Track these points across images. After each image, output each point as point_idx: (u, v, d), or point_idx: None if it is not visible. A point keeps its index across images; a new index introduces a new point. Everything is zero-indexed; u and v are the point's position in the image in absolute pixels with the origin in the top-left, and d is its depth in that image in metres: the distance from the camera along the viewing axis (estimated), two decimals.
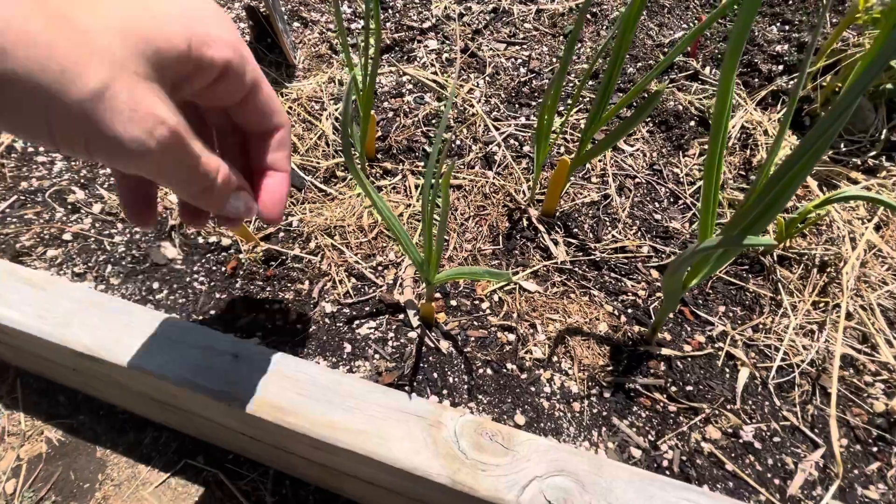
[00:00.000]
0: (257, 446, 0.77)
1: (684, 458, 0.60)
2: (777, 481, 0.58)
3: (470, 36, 1.20)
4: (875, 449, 0.60)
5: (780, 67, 1.07)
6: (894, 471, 0.59)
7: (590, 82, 1.10)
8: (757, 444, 0.61)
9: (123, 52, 0.27)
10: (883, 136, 0.91)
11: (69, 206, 0.82)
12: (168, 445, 0.94)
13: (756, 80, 1.06)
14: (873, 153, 0.92)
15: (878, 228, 0.82)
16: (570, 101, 1.05)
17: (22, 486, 0.89)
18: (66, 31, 0.25)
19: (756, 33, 1.13)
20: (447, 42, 1.18)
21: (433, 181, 0.54)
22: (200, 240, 0.80)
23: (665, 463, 0.59)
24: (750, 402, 0.64)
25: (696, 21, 1.26)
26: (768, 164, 0.46)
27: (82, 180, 0.86)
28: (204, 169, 0.34)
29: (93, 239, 0.78)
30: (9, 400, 0.99)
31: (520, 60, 1.15)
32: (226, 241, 0.79)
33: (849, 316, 0.71)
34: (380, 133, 0.97)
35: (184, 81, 0.32)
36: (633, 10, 0.61)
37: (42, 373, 0.95)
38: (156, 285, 0.74)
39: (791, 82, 1.04)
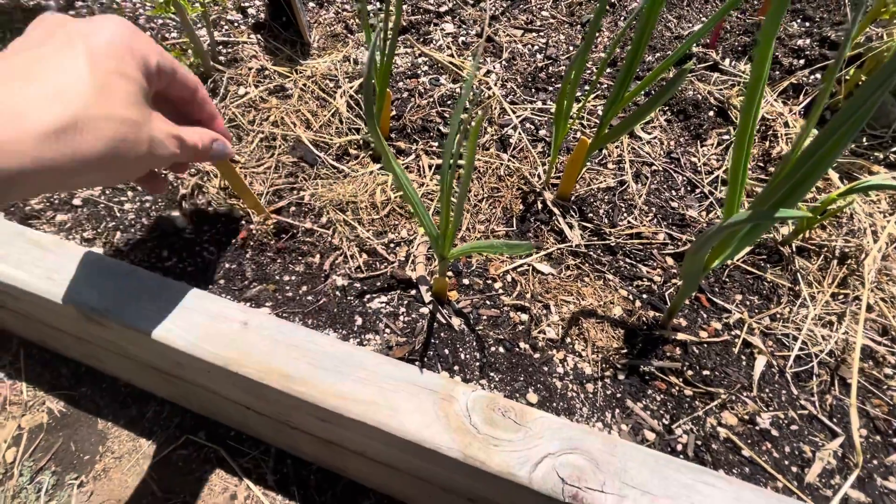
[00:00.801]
0: (261, 422, 0.76)
1: (699, 442, 0.58)
2: (794, 469, 0.57)
3: (487, 21, 1.19)
4: (895, 440, 0.59)
5: (802, 62, 1.06)
6: None
7: (607, 70, 1.08)
8: (774, 432, 0.59)
9: (143, 106, 0.46)
10: None
11: None
12: (170, 420, 0.93)
13: (777, 72, 1.04)
14: (895, 148, 0.90)
15: None
16: (587, 88, 1.03)
17: (22, 456, 0.88)
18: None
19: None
20: (464, 26, 1.17)
21: (453, 150, 0.53)
22: (211, 210, 0.79)
23: (679, 447, 0.58)
24: (767, 390, 0.63)
25: (713, 13, 1.24)
26: (802, 138, 0.45)
27: None
28: (191, 140, 0.52)
29: (102, 205, 0.78)
30: (12, 370, 0.98)
31: (536, 47, 1.14)
32: (236, 213, 0.78)
33: (869, 308, 0.70)
34: (394, 112, 0.96)
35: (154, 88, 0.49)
36: None
37: (46, 343, 0.95)
38: (165, 253, 0.73)
39: (812, 76, 1.02)
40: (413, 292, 0.70)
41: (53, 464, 0.88)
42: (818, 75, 1.03)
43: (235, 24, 1.12)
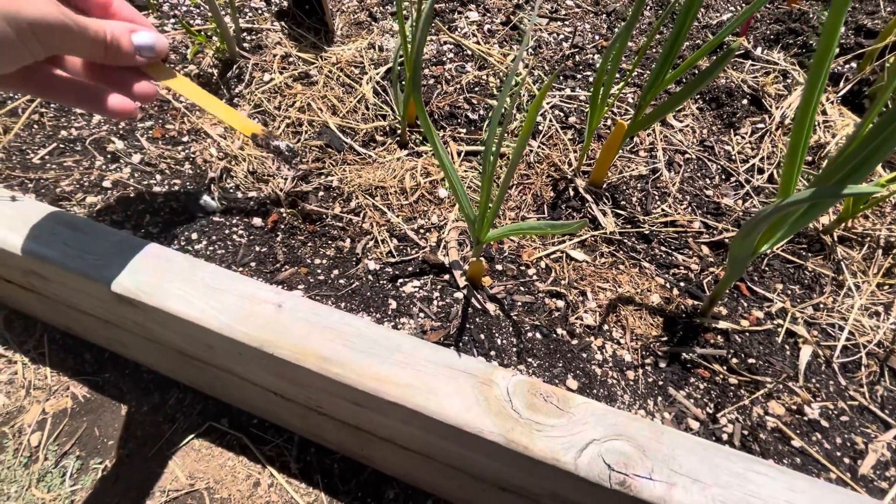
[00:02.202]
0: (287, 408, 0.76)
1: (745, 432, 0.56)
2: (847, 460, 0.55)
3: (511, 10, 1.17)
4: None
5: (837, 49, 1.03)
6: None
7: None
8: (824, 423, 0.57)
9: None
10: None
11: (108, 156, 0.81)
12: (192, 407, 0.93)
13: (810, 59, 1.02)
14: None
15: None
16: (618, 78, 1.02)
17: (47, 440, 0.88)
18: None
19: (811, 16, 1.09)
20: (488, 14, 1.16)
21: (497, 134, 0.51)
22: (240, 194, 0.78)
23: (725, 437, 0.56)
24: (813, 381, 0.61)
25: (743, 4, 1.22)
26: (874, 111, 0.43)
27: (121, 131, 0.85)
28: (94, 29, 0.46)
29: (132, 188, 0.77)
30: (36, 354, 0.98)
31: (562, 36, 1.12)
32: (265, 196, 0.78)
33: None
34: (422, 98, 0.95)
35: None
36: None
37: (70, 328, 0.94)
38: (194, 236, 0.72)
39: (847, 65, 1.00)
40: (446, 277, 0.68)
41: (78, 448, 0.88)
42: (854, 64, 1.01)
43: (259, 12, 1.11)
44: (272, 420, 0.87)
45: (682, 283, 0.71)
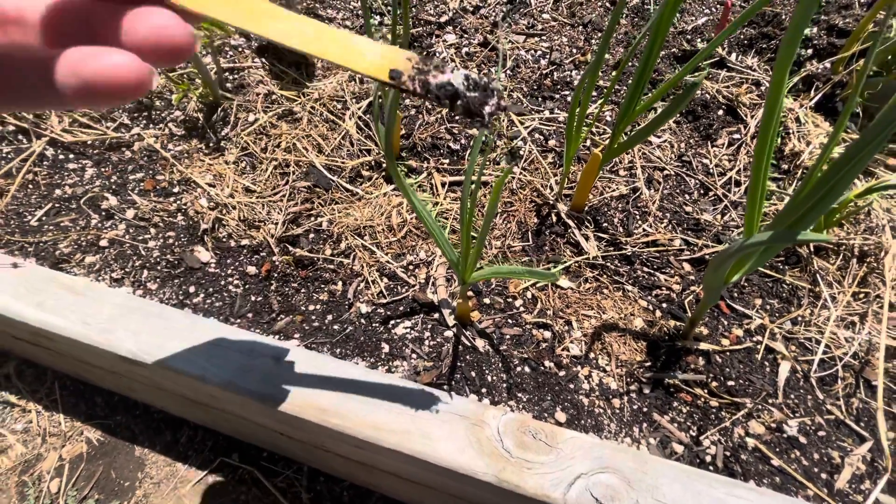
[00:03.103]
0: (293, 444, 0.79)
1: (728, 453, 0.59)
2: (824, 475, 0.58)
3: (488, 29, 1.19)
4: None
5: (810, 51, 1.05)
6: None
7: (613, 73, 1.08)
8: (802, 439, 0.60)
9: None
10: None
11: (103, 213, 0.83)
12: (204, 444, 0.96)
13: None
14: None
15: None
16: (597, 95, 1.03)
17: (66, 486, 0.91)
18: None
19: (784, 17, 1.11)
20: (465, 35, 1.17)
21: (474, 178, 0.54)
22: (233, 243, 0.81)
23: (708, 458, 0.59)
24: (792, 396, 0.64)
25: (717, 6, 1.23)
26: (823, 159, 0.45)
27: (114, 186, 0.87)
28: None
29: (128, 244, 0.80)
30: (48, 402, 1.01)
31: (539, 52, 1.14)
32: (255, 242, 0.80)
33: (891, 307, 0.70)
34: (404, 131, 0.97)
35: None
36: (668, 7, 0.59)
37: (80, 375, 0.98)
38: (192, 289, 0.75)
39: (822, 66, 1.01)
40: (436, 316, 0.71)
41: (96, 492, 0.92)
42: (828, 64, 1.02)
43: (239, 49, 1.13)
44: (281, 453, 0.90)
45: (664, 305, 0.74)
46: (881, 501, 0.55)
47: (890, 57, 0.94)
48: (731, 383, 0.64)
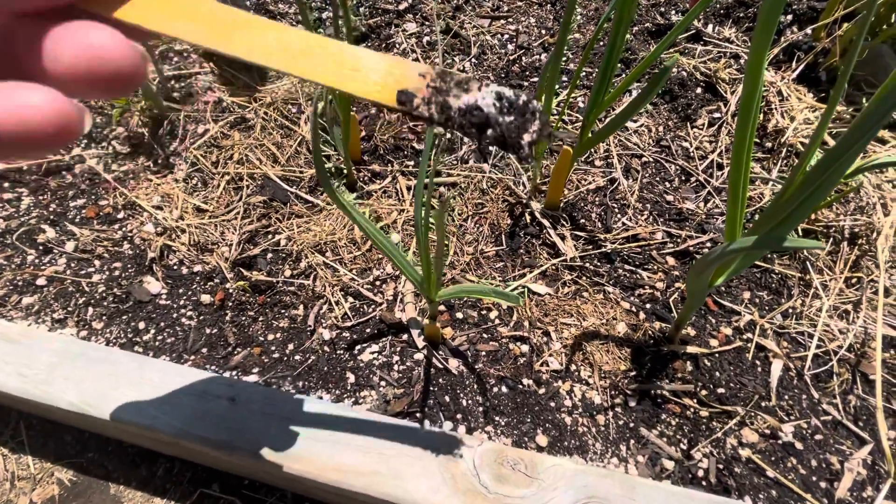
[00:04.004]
0: (271, 477, 0.74)
1: (721, 466, 0.56)
2: (823, 484, 0.54)
3: (451, 13, 1.11)
4: None
5: (790, 17, 0.99)
6: None
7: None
8: (798, 445, 0.56)
9: None
10: None
11: (40, 248, 0.77)
12: (182, 476, 0.91)
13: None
14: None
15: None
16: (566, 80, 0.97)
17: None
18: None
19: None
20: (427, 23, 1.10)
21: (424, 197, 0.48)
22: (185, 270, 0.75)
23: (700, 473, 0.55)
24: (786, 398, 0.60)
25: None
26: (808, 157, 0.40)
27: (51, 216, 0.81)
28: None
29: (69, 281, 0.73)
30: (14, 444, 0.96)
31: (507, 36, 1.07)
32: (209, 267, 0.74)
33: (886, 292, 0.66)
34: (364, 133, 0.91)
35: None
36: None
37: (43, 415, 0.92)
38: (141, 325, 0.69)
39: (802, 34, 0.95)
40: (405, 337, 0.66)
41: None
42: (809, 31, 0.96)
43: (185, 55, 1.05)
44: (263, 481, 0.86)
45: (648, 305, 0.69)
46: None
47: (874, 19, 0.88)
48: (721, 390, 0.60)
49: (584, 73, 0.98)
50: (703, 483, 0.55)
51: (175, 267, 0.75)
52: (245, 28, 0.25)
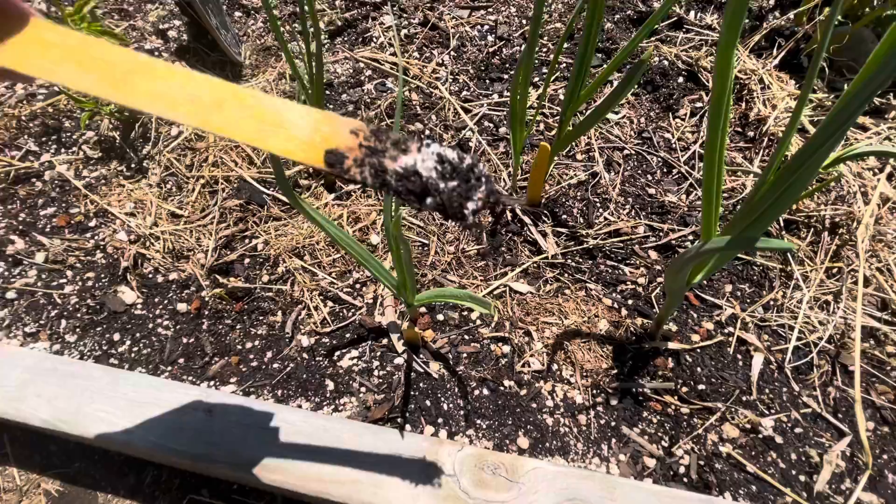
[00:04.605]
0: (257, 482, 0.74)
1: (702, 462, 0.56)
2: (802, 478, 0.54)
3: (429, 5, 1.09)
4: None
5: (772, 2, 0.97)
6: None
7: (565, 45, 1.00)
8: (778, 439, 0.56)
9: None
10: None
11: (9, 259, 0.75)
12: (171, 482, 0.91)
13: (746, 20, 0.96)
14: (879, 91, 0.84)
15: (890, 178, 0.75)
16: (546, 72, 0.95)
17: None
18: None
19: None
20: (404, 15, 1.07)
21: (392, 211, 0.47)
22: (160, 278, 0.73)
23: (682, 470, 0.55)
24: (767, 391, 0.60)
25: None
26: (781, 151, 0.39)
27: (20, 226, 0.78)
28: None
29: (41, 293, 0.72)
30: None
31: (486, 27, 1.05)
32: (185, 275, 0.73)
33: (866, 282, 0.66)
34: None
35: None
36: None
37: (24, 427, 0.91)
38: (116, 337, 0.68)
39: (785, 19, 0.94)
40: (385, 341, 0.65)
41: None
42: (791, 16, 0.95)
43: (157, 53, 1.02)
44: (252, 485, 0.86)
45: (630, 302, 0.69)
46: (862, 500, 0.52)
47: (856, 2, 0.87)
48: (702, 386, 0.60)
49: (564, 65, 0.96)
50: (685, 480, 0.55)
51: (150, 275, 0.73)
52: (145, 74, 0.22)
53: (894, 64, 0.31)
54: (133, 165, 0.87)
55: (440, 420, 0.59)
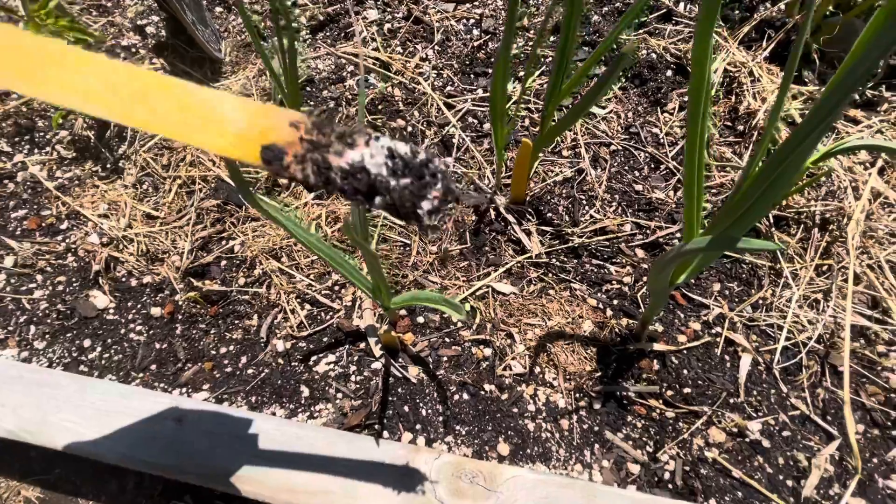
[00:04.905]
0: (233, 495, 0.72)
1: (687, 468, 0.54)
2: (790, 483, 0.53)
3: None
4: (895, 432, 0.55)
5: None
6: None
7: (552, 38, 0.98)
8: (765, 442, 0.55)
9: None
10: (881, 63, 0.81)
11: None
12: (153, 488, 0.89)
13: (737, 11, 0.94)
14: (871, 84, 0.82)
15: (881, 172, 0.73)
16: (530, 65, 0.93)
17: None
18: None
19: None
20: (388, 9, 1.05)
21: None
22: (133, 281, 0.71)
23: (667, 476, 0.54)
24: (755, 393, 0.58)
25: None
26: (763, 146, 0.37)
27: None
28: None
29: (9, 298, 0.70)
30: None
31: (472, 20, 1.02)
32: (160, 278, 0.71)
33: (856, 279, 0.64)
34: None
35: None
36: None
37: None
38: (87, 343, 0.66)
39: (776, 9, 0.92)
40: (362, 345, 0.63)
41: None
42: (782, 6, 0.93)
43: (134, 50, 1.00)
44: (233, 493, 0.84)
45: (615, 301, 0.67)
46: None
47: None
48: (687, 389, 0.58)
49: (549, 58, 0.94)
50: (670, 486, 0.53)
51: (123, 279, 0.71)
52: (60, 64, 0.20)
53: (878, 52, 0.29)
54: (108, 166, 0.85)
55: (418, 426, 0.57)
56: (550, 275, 0.70)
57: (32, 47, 0.21)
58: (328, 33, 1.01)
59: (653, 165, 0.80)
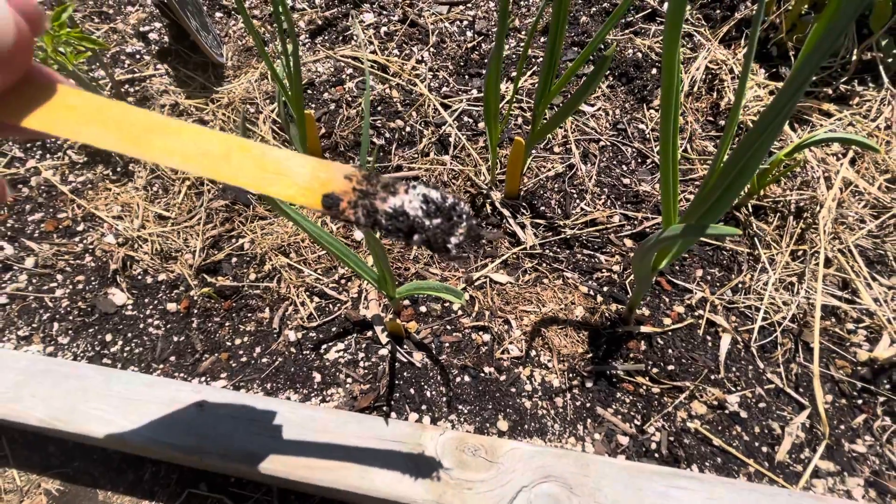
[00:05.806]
0: (252, 474, 0.76)
1: (671, 438, 0.59)
2: (765, 449, 0.58)
3: (408, 1, 1.10)
4: (860, 401, 0.60)
5: None
6: (880, 421, 0.58)
7: (542, 39, 1.02)
8: (743, 413, 0.60)
9: None
10: (854, 58, 0.86)
11: (0, 265, 0.76)
12: (169, 478, 0.93)
13: (718, 10, 0.98)
14: (844, 78, 0.86)
15: (853, 162, 0.78)
16: (521, 65, 0.97)
17: None
18: None
19: None
20: (384, 12, 1.09)
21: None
22: (150, 279, 0.75)
23: (653, 446, 0.59)
24: (734, 370, 0.63)
25: None
26: (727, 137, 0.42)
27: (9, 232, 0.80)
28: None
29: (32, 297, 0.73)
30: None
31: (465, 22, 1.06)
32: (174, 275, 0.75)
33: (828, 262, 0.69)
34: (323, 130, 0.90)
35: None
36: None
37: (21, 429, 0.93)
38: (108, 337, 0.70)
39: (754, 8, 0.96)
40: (370, 333, 0.68)
41: None
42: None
43: (138, 57, 1.03)
44: (249, 478, 0.88)
45: (605, 288, 0.71)
46: (820, 468, 0.56)
47: None
48: (672, 367, 0.63)
49: (540, 59, 0.98)
50: (656, 455, 0.58)
51: (139, 277, 0.75)
52: (161, 131, 0.24)
53: (828, 44, 0.33)
54: (119, 169, 0.89)
55: (424, 407, 0.62)
56: (544, 265, 0.74)
57: (139, 119, 0.26)
58: (326, 37, 1.04)
59: (639, 160, 0.84)
